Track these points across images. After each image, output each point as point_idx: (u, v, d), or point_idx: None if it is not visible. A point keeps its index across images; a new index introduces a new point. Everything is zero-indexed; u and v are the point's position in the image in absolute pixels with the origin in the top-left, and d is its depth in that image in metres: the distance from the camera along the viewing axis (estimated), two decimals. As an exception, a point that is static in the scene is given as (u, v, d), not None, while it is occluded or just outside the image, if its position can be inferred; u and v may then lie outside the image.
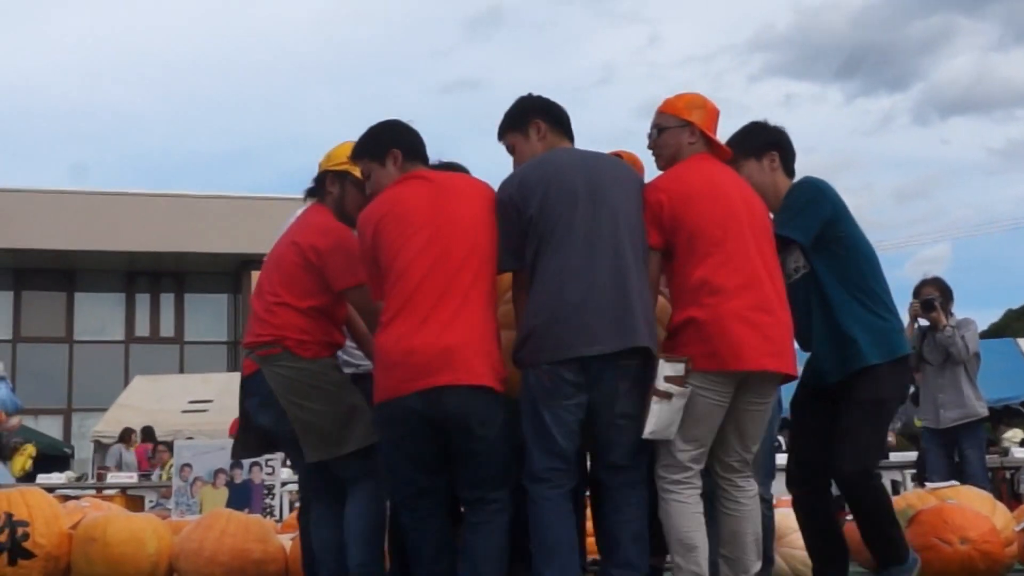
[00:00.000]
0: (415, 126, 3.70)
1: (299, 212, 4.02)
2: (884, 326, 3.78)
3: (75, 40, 50.75)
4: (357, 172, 3.78)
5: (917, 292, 7.08)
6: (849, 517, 4.18)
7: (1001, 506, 5.59)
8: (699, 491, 3.45)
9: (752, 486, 3.57)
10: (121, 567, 5.01)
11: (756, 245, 3.51)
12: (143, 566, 5.05)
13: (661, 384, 3.32)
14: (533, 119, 3.67)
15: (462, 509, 3.62)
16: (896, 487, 9.79)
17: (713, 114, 3.73)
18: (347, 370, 4.00)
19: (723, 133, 3.81)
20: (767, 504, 3.79)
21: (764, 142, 3.94)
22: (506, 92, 3.74)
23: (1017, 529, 5.35)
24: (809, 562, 5.31)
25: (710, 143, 3.65)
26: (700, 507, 3.45)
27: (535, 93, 3.76)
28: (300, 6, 57.36)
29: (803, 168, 3.98)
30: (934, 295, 6.94)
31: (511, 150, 3.72)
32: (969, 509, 5.26)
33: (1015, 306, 48.31)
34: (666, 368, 3.33)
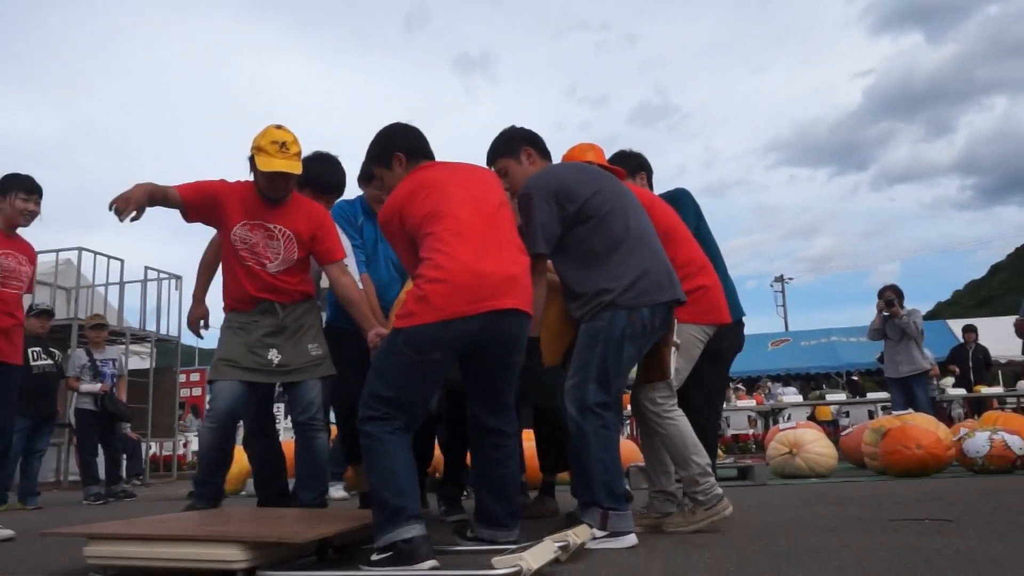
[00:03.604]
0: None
1: None
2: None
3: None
4: (262, 161, 3.93)
5: (881, 294, 9.76)
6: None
7: (943, 425, 7.03)
8: None
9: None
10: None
11: None
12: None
13: (677, 337, 3.58)
14: (523, 146, 3.69)
15: (472, 452, 3.30)
16: (872, 415, 13.32)
17: (600, 151, 4.05)
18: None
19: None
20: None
21: (635, 165, 4.51)
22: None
23: (953, 440, 6.54)
24: (824, 460, 7.03)
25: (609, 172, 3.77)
26: None
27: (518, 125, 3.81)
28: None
29: (800, 223, 5.61)
30: (892, 296, 9.62)
31: (503, 173, 3.67)
32: (922, 427, 6.64)
33: (943, 299, 69.57)
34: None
